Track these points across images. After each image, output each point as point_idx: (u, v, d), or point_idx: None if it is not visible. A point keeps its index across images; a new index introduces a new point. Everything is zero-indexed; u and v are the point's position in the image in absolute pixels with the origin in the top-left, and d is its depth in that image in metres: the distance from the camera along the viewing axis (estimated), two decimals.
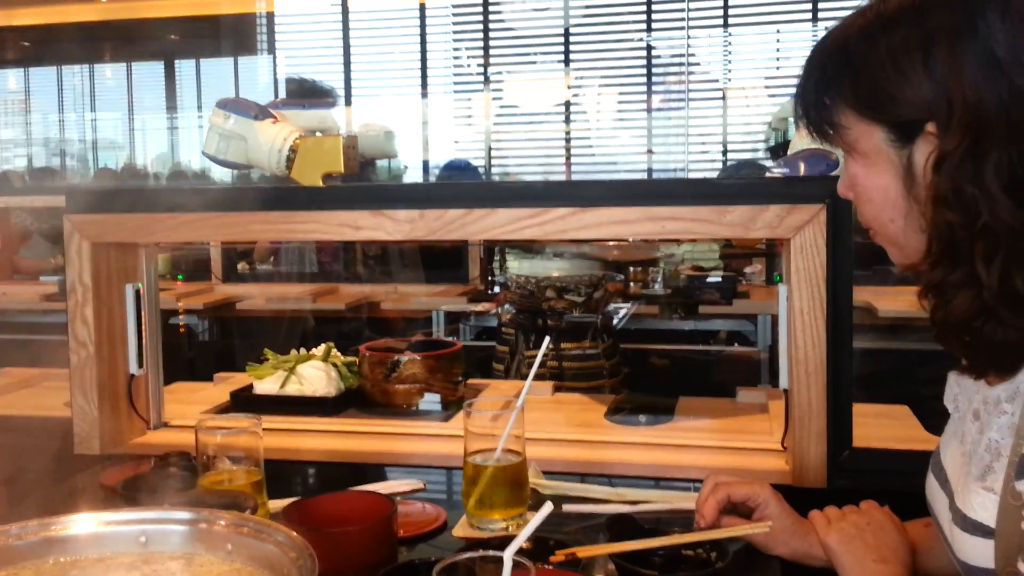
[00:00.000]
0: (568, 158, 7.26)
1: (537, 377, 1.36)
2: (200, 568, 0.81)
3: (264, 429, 1.25)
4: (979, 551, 0.86)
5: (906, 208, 0.88)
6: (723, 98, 6.95)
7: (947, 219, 0.83)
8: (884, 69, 0.85)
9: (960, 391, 0.97)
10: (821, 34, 0.96)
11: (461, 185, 2.48)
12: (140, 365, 1.70)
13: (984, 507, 0.86)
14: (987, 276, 0.81)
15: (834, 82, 0.90)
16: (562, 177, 7.00)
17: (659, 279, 3.34)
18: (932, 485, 1.00)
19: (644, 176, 6.74)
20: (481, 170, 7.03)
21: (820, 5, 6.63)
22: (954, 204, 0.82)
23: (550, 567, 1.01)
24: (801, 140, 1.57)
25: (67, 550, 0.84)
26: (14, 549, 0.83)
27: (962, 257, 0.83)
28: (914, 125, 0.85)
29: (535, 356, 2.77)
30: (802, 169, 1.48)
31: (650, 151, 6.99)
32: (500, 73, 7.42)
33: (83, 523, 0.85)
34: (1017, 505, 0.82)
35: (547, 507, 0.80)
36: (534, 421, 1.33)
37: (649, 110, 7.15)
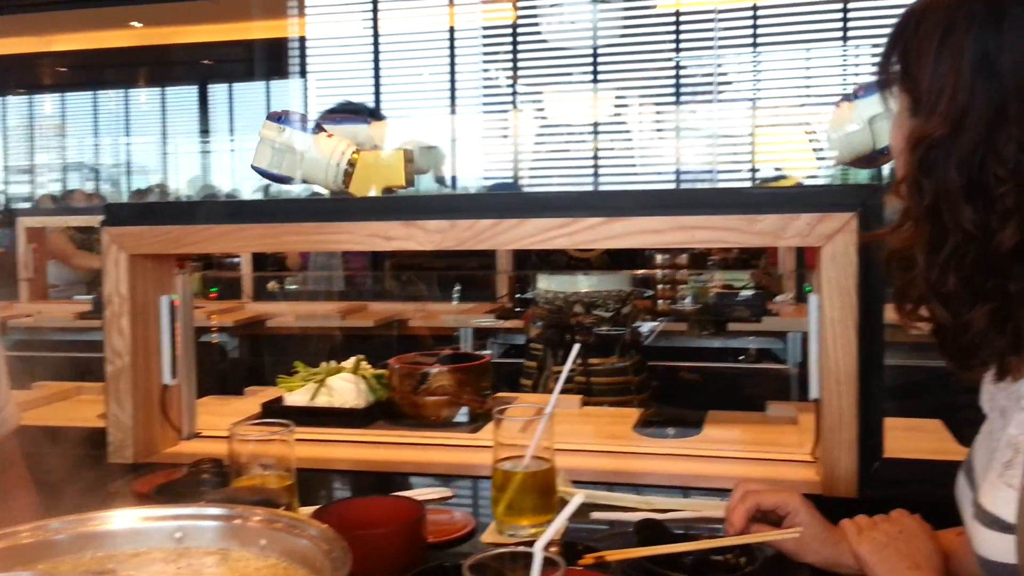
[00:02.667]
0: (596, 175, 7.29)
1: (565, 391, 1.36)
2: (237, 563, 0.82)
3: (295, 439, 1.26)
4: (997, 546, 0.86)
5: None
6: (752, 106, 6.98)
7: (904, 196, 0.91)
8: (914, 44, 0.91)
9: (996, 390, 0.96)
10: (852, 52, 1.07)
11: (491, 196, 2.50)
12: (173, 375, 1.72)
13: (1005, 502, 0.86)
14: (925, 266, 0.88)
15: (893, 45, 0.96)
16: None
17: (688, 296, 3.33)
18: (960, 483, 1.01)
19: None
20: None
21: (850, 24, 6.63)
22: (911, 188, 0.90)
23: (579, 568, 1.00)
24: None
25: (104, 545, 0.86)
26: (53, 543, 0.84)
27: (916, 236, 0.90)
28: (921, 101, 0.91)
29: (563, 370, 2.77)
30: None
31: (679, 149, 7.05)
32: (530, 92, 7.48)
33: (120, 519, 0.87)
34: None
35: (579, 498, 0.80)
36: (562, 433, 1.33)
37: (678, 127, 7.19)
